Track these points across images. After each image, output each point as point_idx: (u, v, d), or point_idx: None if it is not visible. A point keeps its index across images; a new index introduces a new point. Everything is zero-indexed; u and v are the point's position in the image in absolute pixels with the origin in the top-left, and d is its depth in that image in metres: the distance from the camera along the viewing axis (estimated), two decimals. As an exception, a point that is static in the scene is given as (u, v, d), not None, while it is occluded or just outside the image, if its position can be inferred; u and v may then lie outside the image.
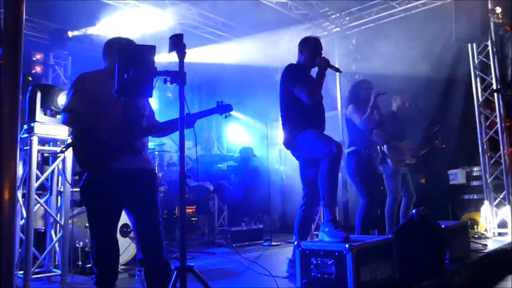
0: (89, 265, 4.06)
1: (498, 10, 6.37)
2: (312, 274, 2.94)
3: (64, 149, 2.99)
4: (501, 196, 6.18)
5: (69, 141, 2.96)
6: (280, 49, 7.68)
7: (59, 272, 3.86)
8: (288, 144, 3.77)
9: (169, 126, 2.92)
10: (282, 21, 7.74)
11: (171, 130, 3.00)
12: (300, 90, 3.61)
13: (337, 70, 3.76)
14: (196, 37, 7.55)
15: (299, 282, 3.03)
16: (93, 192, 2.80)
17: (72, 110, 2.80)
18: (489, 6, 6.28)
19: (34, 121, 3.70)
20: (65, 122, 2.89)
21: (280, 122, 3.90)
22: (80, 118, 2.78)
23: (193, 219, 7.00)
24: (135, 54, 2.35)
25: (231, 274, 4.21)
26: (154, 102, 3.42)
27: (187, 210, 7.11)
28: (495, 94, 6.31)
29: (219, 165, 6.84)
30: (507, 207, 6.06)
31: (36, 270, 3.82)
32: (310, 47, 3.85)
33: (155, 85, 2.40)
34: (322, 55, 3.79)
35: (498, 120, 6.28)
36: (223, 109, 2.94)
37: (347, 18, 8.10)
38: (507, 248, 5.20)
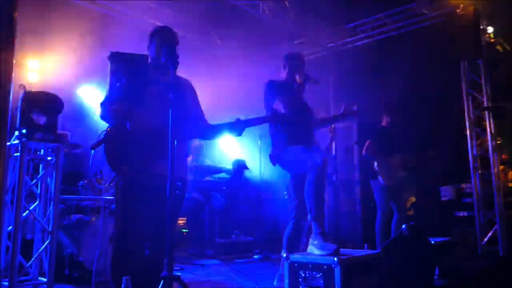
0: (76, 274, 4.03)
1: (490, 30, 6.49)
2: (301, 287, 2.93)
3: (96, 144, 2.67)
4: (491, 214, 6.22)
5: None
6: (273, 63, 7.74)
7: (45, 280, 3.81)
8: (275, 160, 3.76)
9: (217, 130, 2.70)
10: (277, 36, 7.81)
11: (218, 134, 2.78)
12: (277, 104, 3.62)
13: (316, 82, 3.75)
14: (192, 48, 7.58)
15: (287, 294, 3.02)
16: (123, 196, 2.63)
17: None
18: (481, 26, 6.39)
19: (25, 127, 3.68)
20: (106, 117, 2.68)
21: None
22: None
23: (184, 230, 6.95)
24: (128, 63, 2.36)
25: (219, 286, 4.18)
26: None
27: (178, 221, 7.07)
28: (486, 112, 6.39)
29: (211, 177, 6.81)
30: (497, 225, 6.09)
31: (22, 278, 3.77)
32: (291, 63, 3.88)
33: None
34: (304, 71, 3.76)
35: (489, 138, 6.34)
36: (278, 118, 2.74)
37: (342, 34, 8.20)
38: (496, 265, 5.21)
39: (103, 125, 2.75)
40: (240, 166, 6.94)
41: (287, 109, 3.57)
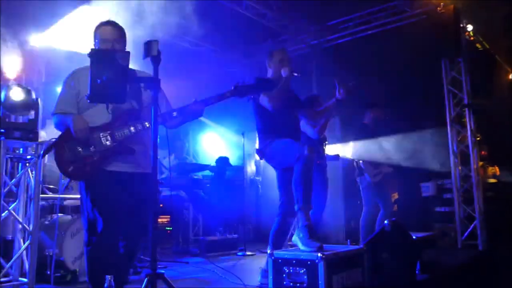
0: (58, 274, 3.97)
1: (470, 28, 6.60)
2: (284, 283, 2.94)
3: (43, 152, 2.72)
4: (470, 209, 6.33)
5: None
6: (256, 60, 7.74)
7: (26, 280, 3.75)
8: (262, 154, 3.78)
9: (174, 116, 2.62)
10: (260, 33, 7.81)
11: (179, 120, 2.71)
12: (262, 98, 3.64)
13: (298, 74, 3.70)
14: (175, 46, 7.53)
15: (271, 291, 3.02)
16: (86, 197, 2.58)
17: (62, 111, 2.66)
18: (461, 24, 6.49)
19: (3, 126, 3.61)
20: (56, 125, 2.69)
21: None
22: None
23: (168, 228, 6.92)
24: (109, 59, 2.32)
25: (203, 283, 4.17)
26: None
27: (161, 220, 7.04)
28: (467, 109, 6.50)
29: (195, 175, 6.79)
30: (477, 219, 6.20)
31: (2, 279, 3.70)
32: (276, 60, 3.88)
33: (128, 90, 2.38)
34: (288, 66, 3.73)
35: (469, 134, 6.46)
36: (242, 92, 2.59)
37: (325, 31, 8.24)
38: (476, 259, 5.32)
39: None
40: (224, 164, 6.94)
41: (271, 104, 3.58)
